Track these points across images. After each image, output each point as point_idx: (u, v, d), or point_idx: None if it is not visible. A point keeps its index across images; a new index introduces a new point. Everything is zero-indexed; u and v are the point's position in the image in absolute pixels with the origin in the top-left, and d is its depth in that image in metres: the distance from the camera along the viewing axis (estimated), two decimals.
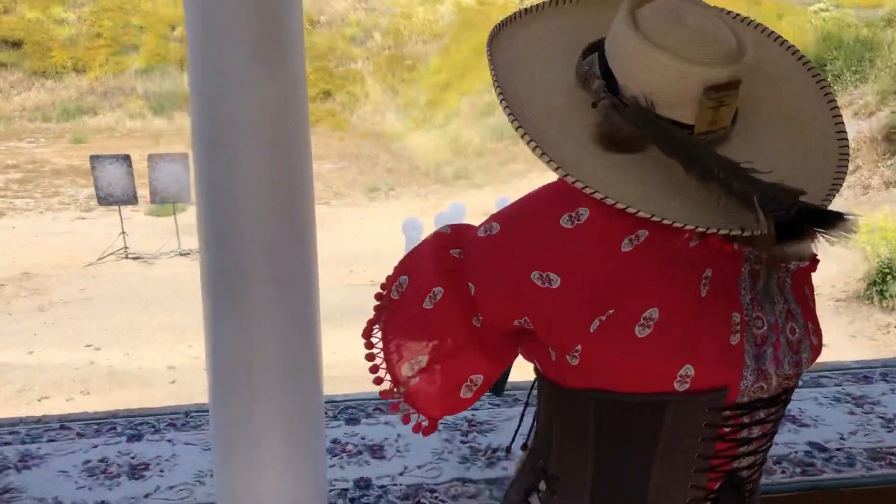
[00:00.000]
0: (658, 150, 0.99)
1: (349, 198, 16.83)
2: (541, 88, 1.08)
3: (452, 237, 1.15)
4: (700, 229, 0.96)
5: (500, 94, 1.04)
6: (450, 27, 23.06)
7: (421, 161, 18.32)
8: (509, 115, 1.02)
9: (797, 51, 1.15)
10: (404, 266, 1.19)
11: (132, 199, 12.31)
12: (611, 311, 1.01)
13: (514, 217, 1.09)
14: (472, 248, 1.11)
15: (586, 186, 0.97)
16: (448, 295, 1.11)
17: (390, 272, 1.20)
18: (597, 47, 1.09)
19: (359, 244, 12.85)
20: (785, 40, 1.17)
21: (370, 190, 17.17)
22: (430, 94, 21.11)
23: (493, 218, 1.12)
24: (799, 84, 1.13)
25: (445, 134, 19.04)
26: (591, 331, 1.01)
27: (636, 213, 0.95)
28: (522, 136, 1.01)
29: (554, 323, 1.05)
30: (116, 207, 12.42)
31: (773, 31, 1.16)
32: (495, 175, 17.06)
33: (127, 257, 11.94)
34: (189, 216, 11.09)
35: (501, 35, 1.14)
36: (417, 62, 22.44)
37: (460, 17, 23.04)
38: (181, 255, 12.02)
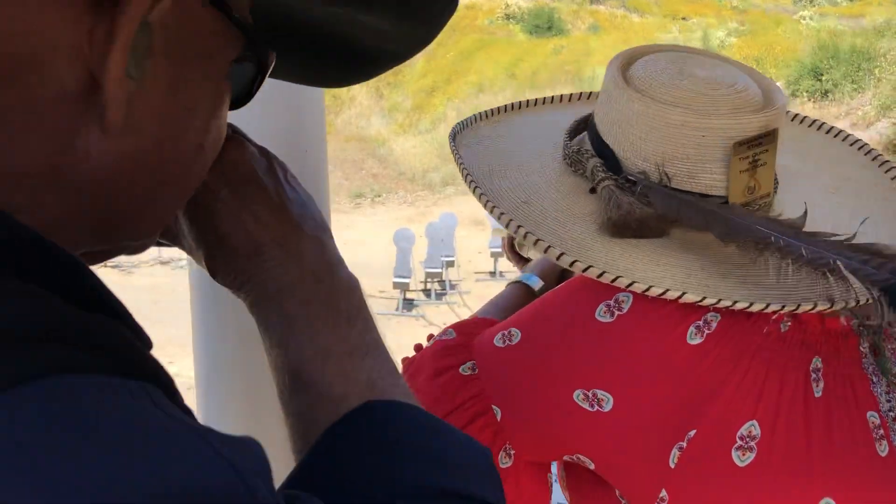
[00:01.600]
0: (685, 232, 0.81)
1: (334, 204, 16.32)
2: (526, 185, 0.89)
3: (460, 348, 0.90)
4: (788, 308, 0.75)
5: (488, 202, 0.85)
6: None
7: (407, 167, 18.06)
8: (508, 220, 0.83)
9: (823, 123, 1.01)
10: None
11: None
12: (692, 434, 0.76)
13: (536, 318, 0.87)
14: (489, 363, 0.87)
15: (618, 277, 0.76)
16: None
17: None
18: (584, 126, 0.93)
19: (346, 254, 12.54)
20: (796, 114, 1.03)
21: (355, 196, 16.88)
22: (415, 98, 20.87)
23: (511, 322, 0.89)
24: (836, 155, 0.97)
25: (432, 139, 18.79)
26: (672, 466, 0.76)
27: (699, 301, 0.75)
28: (524, 236, 0.81)
29: (618, 462, 0.80)
30: None
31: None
32: None
33: (104, 265, 11.59)
34: None
35: (465, 135, 0.97)
36: (403, 66, 22.18)
37: None
38: (161, 263, 11.74)
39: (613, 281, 0.76)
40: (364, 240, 12.33)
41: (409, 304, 9.81)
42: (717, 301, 0.75)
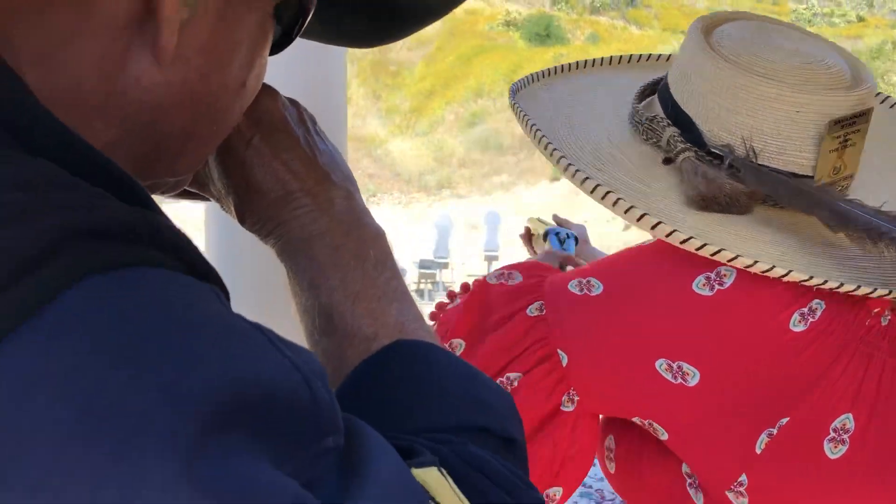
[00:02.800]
0: (766, 209, 0.76)
1: None
2: (596, 152, 0.83)
3: (529, 288, 0.85)
4: (895, 294, 0.71)
5: (561, 157, 0.79)
6: (436, 35, 22.88)
7: (403, 168, 18.09)
8: (584, 179, 0.77)
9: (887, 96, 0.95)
10: (459, 321, 0.86)
11: None
12: (784, 421, 0.73)
13: (624, 274, 0.81)
14: (562, 308, 0.82)
15: (721, 250, 0.71)
16: (529, 383, 0.81)
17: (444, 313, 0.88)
18: (653, 89, 0.87)
19: None
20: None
21: None
22: (413, 100, 20.91)
23: (590, 270, 0.83)
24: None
25: (429, 142, 18.83)
26: (758, 452, 0.73)
27: (805, 280, 0.70)
28: (612, 201, 0.75)
29: (696, 440, 0.76)
30: None
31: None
32: (479, 186, 16.89)
33: None
34: (172, 208, 10.70)
35: (523, 94, 0.92)
36: (402, 68, 22.23)
37: (447, 26, 22.88)
38: None
39: (714, 254, 0.71)
40: None
41: None
42: (823, 282, 0.70)
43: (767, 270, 0.70)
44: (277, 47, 0.54)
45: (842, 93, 0.76)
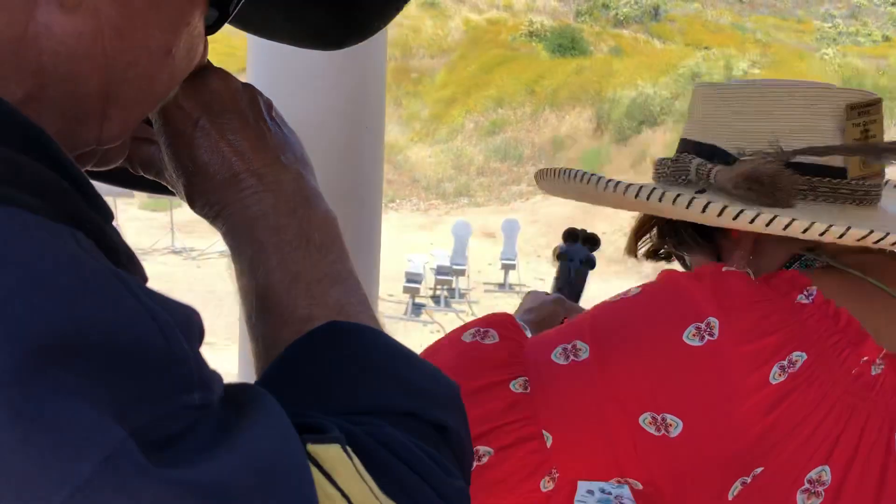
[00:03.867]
0: (807, 203, 0.80)
1: None
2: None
3: (511, 357, 0.82)
4: None
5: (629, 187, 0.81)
6: (458, 44, 22.96)
7: (422, 175, 18.14)
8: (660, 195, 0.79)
9: None
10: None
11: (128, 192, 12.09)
12: (758, 471, 0.73)
13: (612, 333, 0.79)
14: (547, 383, 0.79)
15: (813, 224, 0.73)
16: (503, 457, 0.77)
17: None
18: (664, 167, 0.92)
19: None
20: None
21: None
22: (434, 108, 20.97)
23: (574, 332, 0.81)
24: None
25: (448, 150, 18.87)
26: (730, 498, 0.74)
27: (881, 238, 0.73)
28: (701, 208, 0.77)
29: (671, 488, 0.77)
30: (112, 199, 12.18)
31: None
32: (497, 195, 16.91)
33: None
34: (185, 212, 10.84)
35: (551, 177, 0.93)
36: (423, 76, 22.31)
37: (469, 35, 22.97)
38: (174, 252, 11.75)
39: (805, 231, 0.73)
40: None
41: (417, 309, 9.90)
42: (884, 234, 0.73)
43: (864, 237, 0.73)
44: (215, 26, 0.53)
45: (847, 91, 0.82)
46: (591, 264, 1.19)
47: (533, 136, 18.19)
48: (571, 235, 1.22)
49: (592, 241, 1.22)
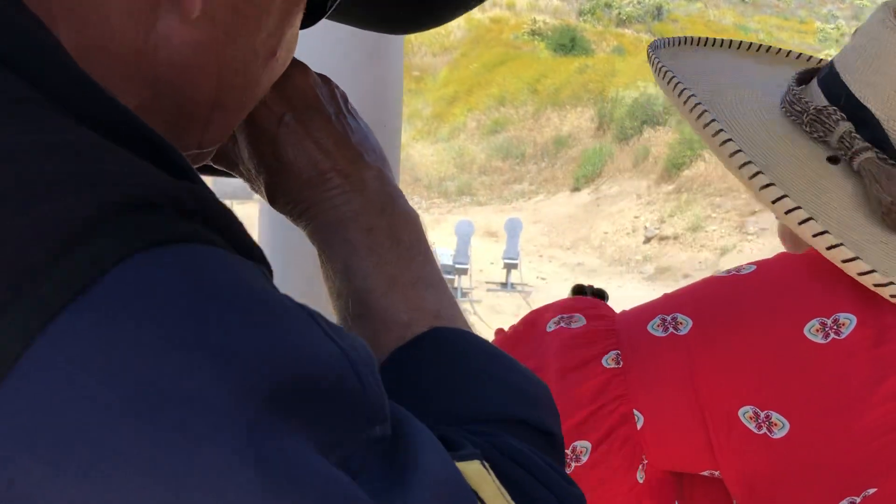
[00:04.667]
0: None
1: None
2: (753, 143, 0.72)
3: (602, 331, 0.75)
4: None
5: (710, 122, 0.69)
6: (461, 42, 22.96)
7: (423, 173, 18.14)
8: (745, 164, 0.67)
9: None
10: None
11: None
12: (871, 492, 0.66)
13: (719, 311, 0.72)
14: (642, 355, 0.72)
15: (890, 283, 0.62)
16: (603, 452, 0.71)
17: None
18: (808, 76, 0.78)
19: None
20: None
21: None
22: (436, 106, 20.97)
23: (676, 303, 0.74)
24: None
25: (450, 148, 18.88)
26: None
27: None
28: (783, 207, 0.65)
29: (768, 494, 0.70)
30: None
31: None
32: (500, 194, 16.91)
33: None
34: None
35: (663, 55, 0.81)
36: (425, 74, 22.32)
37: (472, 34, 22.96)
38: None
39: (879, 286, 0.63)
40: None
41: None
42: None
43: None
44: (310, 20, 0.53)
45: None
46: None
47: (535, 135, 18.19)
48: (580, 291, 1.26)
49: (600, 296, 1.27)
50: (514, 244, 11.15)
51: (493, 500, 0.38)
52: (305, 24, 0.52)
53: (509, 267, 11.10)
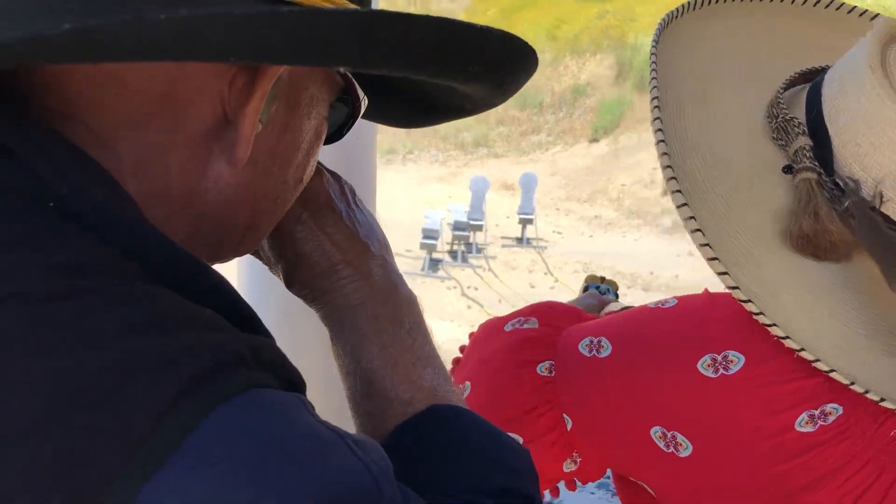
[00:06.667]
0: (869, 266, 0.67)
1: None
2: (714, 126, 0.75)
3: (542, 342, 0.83)
4: None
5: (658, 132, 0.72)
6: None
7: (440, 125, 18.00)
8: (666, 167, 0.70)
9: None
10: (471, 370, 0.86)
11: None
12: None
13: (632, 339, 0.79)
14: (570, 369, 0.81)
15: (773, 325, 0.65)
16: (536, 449, 0.76)
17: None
18: (810, 77, 0.78)
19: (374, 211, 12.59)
20: None
21: (387, 152, 16.87)
22: None
23: (600, 329, 0.81)
24: None
25: None
26: None
27: (851, 384, 0.64)
28: (687, 222, 0.69)
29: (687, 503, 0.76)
30: None
31: None
32: (517, 145, 16.73)
33: None
34: None
35: (667, 34, 0.80)
36: None
37: None
38: None
39: (800, 351, 0.66)
40: (394, 197, 12.39)
41: (434, 264, 9.91)
42: (865, 391, 0.65)
43: (814, 362, 0.65)
44: (328, 140, 0.60)
45: None
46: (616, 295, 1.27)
47: (553, 84, 17.89)
48: (593, 281, 1.31)
49: (608, 288, 1.30)
50: (529, 199, 11.07)
51: None
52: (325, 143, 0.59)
53: (525, 222, 11.03)
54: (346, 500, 0.38)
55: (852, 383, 0.65)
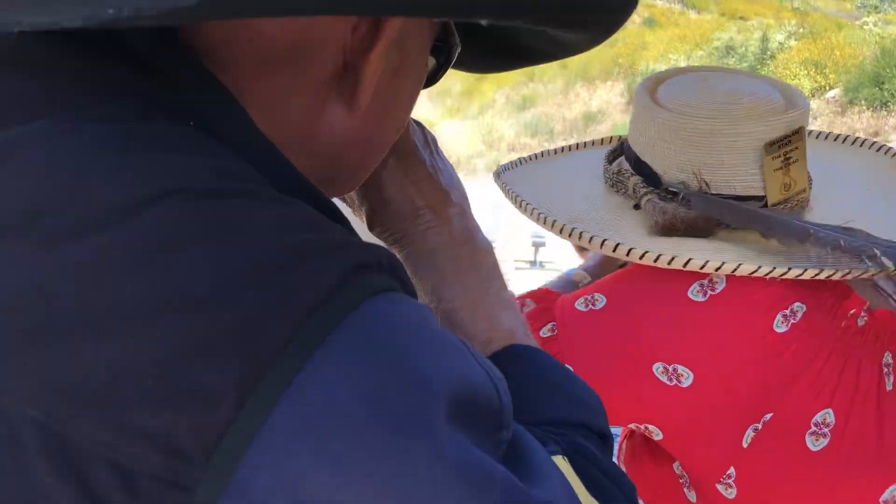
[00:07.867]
0: (730, 232, 0.83)
1: None
2: (574, 210, 0.93)
3: (542, 312, 0.92)
4: (839, 274, 0.76)
5: (535, 212, 0.92)
6: None
7: (452, 150, 18.10)
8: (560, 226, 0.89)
9: (847, 136, 1.06)
10: None
11: None
12: (768, 417, 0.78)
13: (626, 287, 0.88)
14: (570, 325, 0.89)
15: (673, 258, 0.80)
16: None
17: None
18: (620, 152, 0.98)
19: None
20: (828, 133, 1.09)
21: None
22: (465, 83, 20.84)
23: (595, 287, 0.91)
24: (865, 162, 1.01)
25: (479, 125, 18.80)
26: (745, 446, 0.79)
27: (784, 273, 0.76)
28: (590, 241, 0.86)
29: (689, 437, 0.82)
30: None
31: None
32: None
33: None
34: None
35: (508, 175, 1.06)
36: None
37: None
38: None
39: (670, 262, 0.80)
40: None
41: None
42: (787, 270, 0.77)
43: (734, 270, 0.79)
44: (424, 85, 0.60)
45: (772, 117, 0.83)
46: None
47: (564, 111, 18.03)
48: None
49: None
50: None
51: (578, 491, 0.46)
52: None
53: (537, 245, 11.06)
54: (478, 397, 0.40)
55: (758, 267, 0.78)
